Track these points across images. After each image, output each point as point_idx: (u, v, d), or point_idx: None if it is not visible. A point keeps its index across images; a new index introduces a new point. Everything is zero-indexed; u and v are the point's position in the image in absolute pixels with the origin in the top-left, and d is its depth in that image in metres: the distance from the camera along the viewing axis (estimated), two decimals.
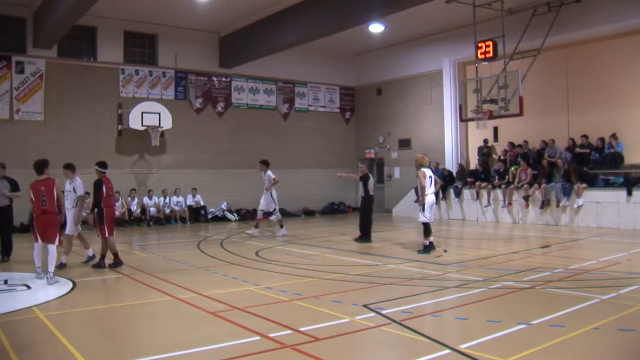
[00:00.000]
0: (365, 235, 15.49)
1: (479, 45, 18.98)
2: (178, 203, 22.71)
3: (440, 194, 22.60)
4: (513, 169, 20.61)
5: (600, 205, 18.03)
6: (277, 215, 18.00)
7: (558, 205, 18.99)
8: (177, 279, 10.17)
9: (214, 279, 10.42)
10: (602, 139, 19.10)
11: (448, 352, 5.77)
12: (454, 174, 23.21)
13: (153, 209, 22.05)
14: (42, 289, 9.44)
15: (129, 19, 22.15)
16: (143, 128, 21.70)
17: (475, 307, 7.86)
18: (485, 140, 22.96)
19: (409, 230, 18.67)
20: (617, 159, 18.53)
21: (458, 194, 22.21)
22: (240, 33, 22.96)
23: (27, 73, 20.54)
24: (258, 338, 6.40)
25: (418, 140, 25.44)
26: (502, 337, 6.29)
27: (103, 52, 22.26)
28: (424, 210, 12.87)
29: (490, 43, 18.67)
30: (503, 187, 20.54)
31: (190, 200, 23.15)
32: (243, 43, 23.02)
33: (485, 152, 22.86)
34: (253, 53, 23.11)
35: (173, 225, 21.98)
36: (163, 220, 22.21)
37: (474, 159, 23.57)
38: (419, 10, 18.76)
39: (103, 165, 12.58)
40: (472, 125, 22.50)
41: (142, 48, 23.45)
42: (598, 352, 5.90)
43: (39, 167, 10.70)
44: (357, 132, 28.87)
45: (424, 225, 13.04)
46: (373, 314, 7.35)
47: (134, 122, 21.62)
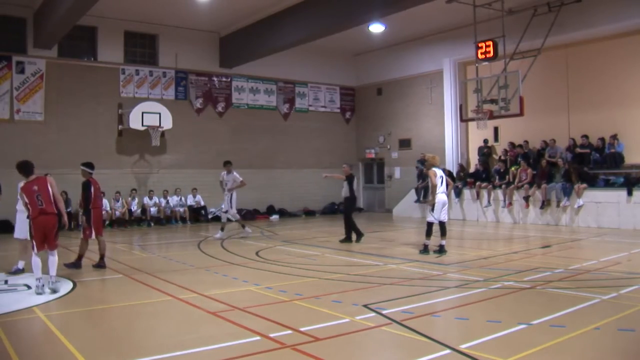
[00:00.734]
0: (350, 237, 15.35)
1: (479, 45, 18.99)
2: (178, 203, 22.71)
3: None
4: (513, 169, 20.61)
5: (601, 206, 18.02)
6: (223, 218, 17.54)
7: (558, 206, 18.98)
8: (177, 279, 10.17)
9: (214, 279, 10.42)
10: (602, 139, 19.08)
11: (448, 352, 5.77)
12: (454, 174, 23.18)
13: (153, 209, 22.06)
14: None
15: (129, 19, 22.16)
16: (143, 128, 21.70)
17: (476, 307, 7.86)
18: (486, 140, 22.96)
19: (410, 230, 18.69)
20: (617, 159, 18.52)
21: (458, 194, 22.21)
22: (241, 33, 22.97)
23: (27, 73, 20.55)
24: (258, 338, 6.40)
25: (418, 141, 25.43)
26: (502, 337, 6.29)
27: (103, 52, 22.27)
28: (433, 210, 12.79)
29: (491, 43, 18.68)
30: (503, 187, 20.54)
31: (191, 200, 23.15)
32: (243, 43, 23.03)
33: (486, 152, 22.86)
34: (253, 53, 23.11)
35: (173, 225, 21.97)
36: (163, 220, 22.21)
37: (475, 159, 23.56)
38: (419, 10, 18.76)
39: (90, 166, 12.16)
40: (472, 125, 22.50)
41: (142, 48, 23.46)
42: (598, 352, 5.90)
43: (28, 168, 9.44)
44: (357, 132, 28.87)
45: (429, 226, 12.92)
46: (373, 314, 7.35)
47: (135, 122, 21.61)
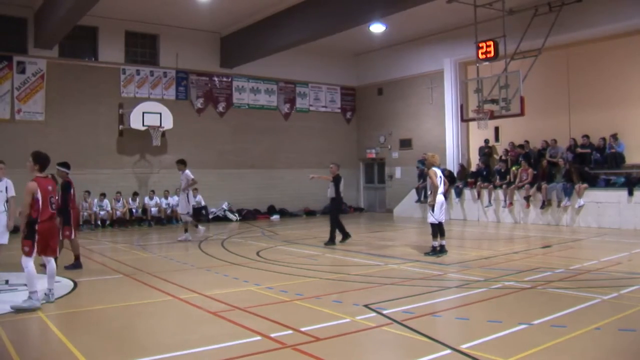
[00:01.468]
0: (333, 240, 15.00)
1: (480, 45, 18.99)
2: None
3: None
4: (514, 169, 20.61)
5: (602, 206, 18.02)
6: (187, 219, 17.20)
7: (559, 206, 18.98)
8: (178, 279, 10.18)
9: (215, 279, 10.42)
10: (603, 139, 19.07)
11: (449, 352, 5.77)
12: (455, 174, 23.19)
13: (154, 209, 22.06)
14: (44, 290, 9.42)
15: (130, 19, 22.17)
16: (144, 128, 21.72)
17: (476, 307, 7.86)
18: (487, 140, 22.95)
19: (410, 231, 18.69)
20: (618, 159, 18.51)
21: (459, 194, 22.21)
22: (241, 33, 22.97)
23: (28, 73, 20.57)
24: (259, 338, 6.41)
25: (419, 140, 25.43)
26: (503, 337, 6.30)
27: (104, 52, 22.28)
28: (434, 211, 12.67)
29: (491, 43, 18.68)
30: (504, 187, 20.53)
31: (192, 201, 23.09)
32: (244, 43, 23.03)
33: (487, 152, 22.85)
34: (254, 53, 23.12)
35: (174, 225, 21.96)
36: (164, 220, 22.21)
37: (475, 159, 23.55)
38: (420, 11, 18.78)
39: (68, 166, 11.96)
40: (473, 125, 22.51)
41: (143, 48, 23.46)
42: (599, 352, 5.90)
43: (47, 161, 8.61)
44: (358, 132, 28.87)
45: (433, 227, 12.77)
46: (374, 314, 7.36)
47: (135, 122, 21.62)
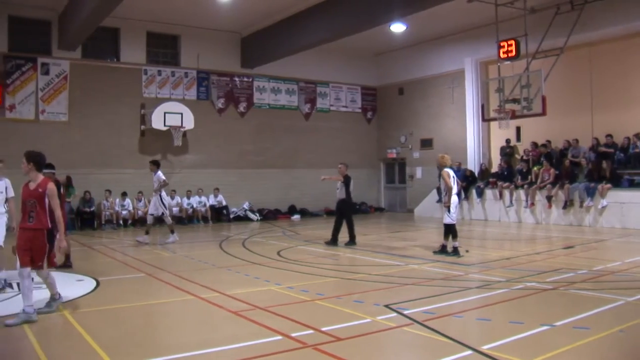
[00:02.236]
0: (334, 241, 14.84)
1: (501, 45, 18.85)
2: (200, 203, 22.83)
3: (462, 194, 22.56)
4: (536, 169, 20.45)
5: (625, 206, 17.81)
6: (167, 220, 16.71)
7: (581, 206, 18.80)
8: (199, 278, 10.22)
9: (236, 279, 10.45)
10: (627, 138, 18.86)
11: (470, 353, 5.75)
12: (476, 174, 23.09)
13: (175, 209, 22.18)
14: (67, 287, 9.49)
15: (152, 20, 22.31)
16: (165, 128, 21.87)
17: (498, 308, 7.82)
18: (508, 140, 22.79)
19: (431, 231, 18.61)
20: None
21: (480, 194, 22.09)
22: (262, 33, 23.03)
23: (52, 74, 20.81)
24: (280, 338, 6.42)
25: (440, 140, 25.34)
26: (524, 338, 6.25)
27: (126, 53, 22.47)
28: (450, 212, 12.64)
29: (513, 42, 18.54)
30: (526, 187, 20.39)
31: (213, 200, 23.26)
32: (265, 43, 23.09)
33: (508, 152, 22.71)
34: (275, 53, 23.17)
35: (195, 225, 22.08)
36: (185, 220, 22.33)
37: (497, 159, 23.41)
38: (441, 10, 18.69)
39: (53, 167, 11.43)
40: (494, 125, 22.33)
41: (164, 49, 23.62)
42: (622, 355, 5.85)
43: (42, 160, 7.82)
44: (379, 132, 28.82)
45: (449, 227, 12.66)
46: (395, 314, 7.34)
47: (157, 122, 21.79)
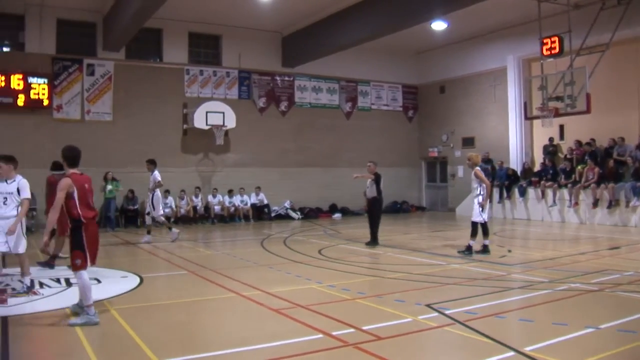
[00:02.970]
0: (375, 239, 14.67)
1: (545, 41, 18.57)
2: (242, 201, 23.00)
3: (505, 193, 22.36)
4: (580, 168, 20.11)
5: None
6: (147, 220, 16.84)
7: (627, 206, 18.43)
8: (240, 276, 10.30)
9: (277, 277, 10.51)
10: None
11: (512, 354, 5.70)
12: (519, 173, 22.81)
13: (217, 207, 22.40)
14: (112, 284, 9.68)
15: (193, 21, 22.56)
16: (208, 127, 22.09)
17: (541, 309, 7.73)
18: (551, 139, 22.46)
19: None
20: None
21: (523, 193, 21.81)
22: (303, 32, 23.10)
23: (97, 75, 21.21)
24: (321, 336, 6.45)
25: (482, 139, 25.11)
26: (568, 340, 6.16)
27: (168, 53, 22.77)
28: (483, 210, 12.50)
29: (556, 39, 18.24)
30: (569, 186, 20.07)
31: (254, 199, 23.41)
32: (305, 42, 23.17)
33: (551, 150, 22.37)
34: (315, 52, 23.22)
35: (237, 223, 22.26)
36: (227, 218, 22.52)
37: (539, 158, 23.09)
38: (482, 7, 18.49)
39: (61, 167, 10.80)
40: (537, 124, 22.05)
41: (206, 49, 23.87)
42: None
43: (78, 156, 7.66)
44: (420, 130, 28.67)
45: (481, 225, 12.52)
46: (436, 314, 7.32)
47: (199, 121, 22.03)
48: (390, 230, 18.12)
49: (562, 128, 22.31)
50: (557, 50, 18.29)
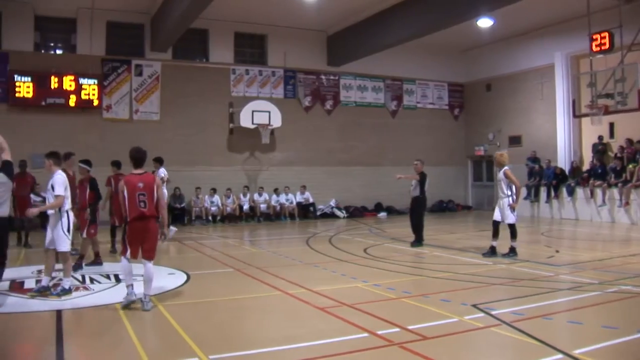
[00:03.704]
0: (420, 239, 14.42)
1: (594, 37, 18.24)
2: (287, 200, 23.13)
3: (552, 193, 22.00)
4: (631, 167, 19.67)
5: None
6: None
7: None
8: (286, 274, 10.37)
9: (323, 275, 10.55)
10: None
11: (560, 356, 5.62)
12: (567, 172, 22.43)
13: (263, 205, 22.56)
14: (159, 280, 9.79)
15: (239, 21, 22.79)
16: (253, 126, 22.28)
17: (590, 311, 7.61)
18: (600, 137, 22.00)
19: (520, 230, 18.15)
20: None
21: (571, 193, 21.43)
22: (348, 31, 23.11)
23: (145, 75, 21.62)
24: (366, 335, 6.45)
25: (529, 137, 24.76)
26: (619, 344, 6.04)
27: (214, 53, 23.07)
28: (514, 211, 12.23)
29: (606, 34, 17.89)
30: (620, 185, 19.64)
31: (299, 197, 23.50)
32: (351, 41, 23.16)
33: (600, 149, 21.91)
34: (360, 51, 23.21)
35: (282, 222, 22.39)
36: (273, 217, 22.67)
37: (588, 157, 22.66)
38: (529, 3, 18.27)
39: (89, 163, 11.62)
40: (586, 122, 21.66)
41: (251, 48, 24.07)
42: None
43: (142, 158, 8.37)
44: (466, 129, 28.42)
45: (511, 228, 12.22)
46: (482, 314, 7.26)
47: (245, 120, 22.24)
48: (436, 230, 18.03)
49: (612, 126, 21.87)
50: (607, 46, 17.94)
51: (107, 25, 21.25)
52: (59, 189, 8.70)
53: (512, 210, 12.18)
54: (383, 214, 24.55)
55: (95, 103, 20.61)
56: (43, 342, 6.52)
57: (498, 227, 12.39)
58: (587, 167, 22.16)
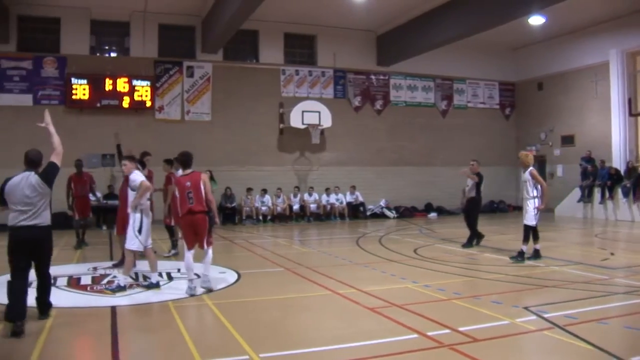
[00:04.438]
0: (474, 238, 14.28)
1: None
2: (337, 199, 23.17)
3: (607, 194, 21.54)
4: None
5: None
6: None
7: None
8: (336, 274, 10.39)
9: (373, 275, 10.54)
10: None
11: None
12: (622, 173, 21.92)
13: (313, 205, 22.65)
14: (210, 279, 9.98)
15: (289, 22, 22.97)
16: (304, 126, 22.42)
17: None
18: None
19: (572, 231, 17.93)
20: None
21: (627, 194, 20.94)
22: (397, 31, 23.06)
23: (196, 76, 21.97)
24: (416, 336, 6.44)
25: (582, 137, 24.29)
26: None
27: (264, 54, 23.28)
28: (538, 212, 11.85)
29: None
30: None
31: (349, 197, 23.51)
32: (400, 41, 23.09)
33: None
34: (410, 50, 23.12)
35: (332, 222, 22.44)
36: (323, 217, 22.74)
37: None
38: (582, 0, 17.90)
39: (170, 164, 12.46)
40: None
41: (301, 49, 24.22)
42: None
43: (189, 161, 9.22)
44: (517, 128, 28.04)
45: (532, 229, 11.91)
46: (534, 317, 7.17)
47: (295, 120, 22.38)
48: (487, 231, 17.73)
49: None
50: None
51: (159, 28, 21.71)
52: (135, 185, 9.05)
53: (535, 212, 11.84)
54: (433, 215, 24.41)
55: (148, 104, 21.04)
56: (99, 336, 6.69)
57: (532, 230, 11.99)
58: None
